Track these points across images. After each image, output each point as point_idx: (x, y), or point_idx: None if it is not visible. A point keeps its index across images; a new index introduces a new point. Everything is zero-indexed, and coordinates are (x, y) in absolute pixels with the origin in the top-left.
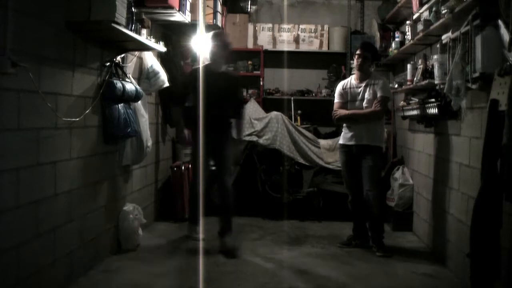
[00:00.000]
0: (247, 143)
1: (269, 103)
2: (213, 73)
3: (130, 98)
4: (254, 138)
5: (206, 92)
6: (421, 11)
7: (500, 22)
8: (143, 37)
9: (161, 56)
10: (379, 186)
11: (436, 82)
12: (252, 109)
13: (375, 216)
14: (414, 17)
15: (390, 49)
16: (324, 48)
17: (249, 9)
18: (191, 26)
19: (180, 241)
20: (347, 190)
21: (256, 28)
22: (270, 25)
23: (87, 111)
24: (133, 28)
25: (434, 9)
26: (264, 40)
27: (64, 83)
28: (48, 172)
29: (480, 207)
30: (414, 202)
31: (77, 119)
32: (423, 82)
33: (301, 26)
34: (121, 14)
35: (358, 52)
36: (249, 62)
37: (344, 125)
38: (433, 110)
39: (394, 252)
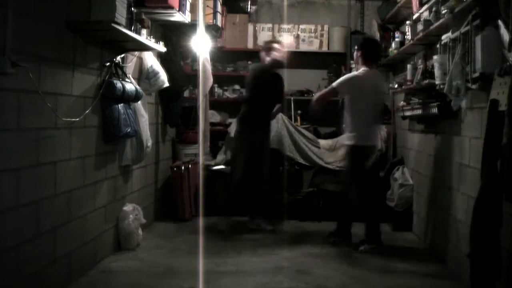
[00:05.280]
0: None
1: None
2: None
3: (130, 98)
4: None
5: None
6: (421, 11)
7: (500, 22)
8: (143, 37)
9: (161, 56)
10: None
11: (436, 82)
12: None
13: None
14: (414, 17)
15: (390, 49)
16: (324, 48)
17: (249, 9)
18: (191, 26)
19: (180, 241)
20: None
21: (256, 28)
22: (270, 25)
23: (87, 111)
24: (133, 28)
25: (434, 9)
26: (264, 40)
27: (64, 83)
28: (48, 172)
29: (480, 207)
30: (414, 202)
31: (77, 119)
32: (423, 82)
33: (301, 26)
34: (121, 14)
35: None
36: (249, 62)
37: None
38: (433, 110)
39: (394, 252)
